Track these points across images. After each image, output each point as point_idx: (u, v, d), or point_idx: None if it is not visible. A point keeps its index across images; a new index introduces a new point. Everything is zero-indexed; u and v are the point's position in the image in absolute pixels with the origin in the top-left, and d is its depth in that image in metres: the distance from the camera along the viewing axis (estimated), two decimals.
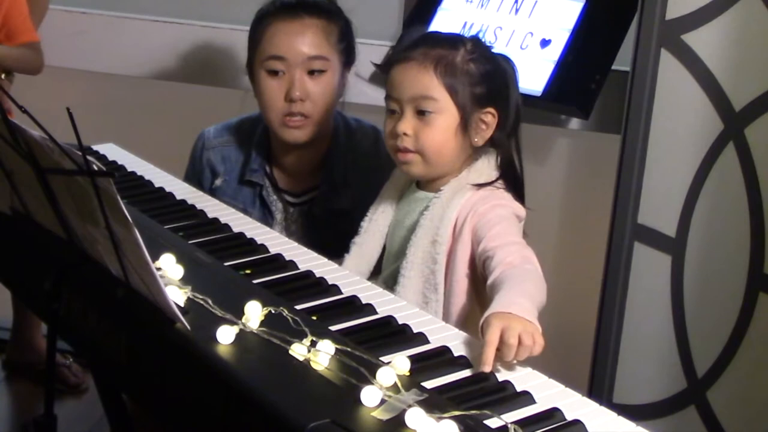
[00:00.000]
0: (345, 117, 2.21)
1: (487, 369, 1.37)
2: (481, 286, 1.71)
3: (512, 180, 1.82)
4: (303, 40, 2.06)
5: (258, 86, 2.11)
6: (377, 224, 1.88)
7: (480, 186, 1.78)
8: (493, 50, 1.85)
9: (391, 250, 1.87)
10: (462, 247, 1.73)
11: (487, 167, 1.81)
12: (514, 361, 1.40)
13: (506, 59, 1.87)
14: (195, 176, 2.26)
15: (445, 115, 1.75)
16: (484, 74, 1.77)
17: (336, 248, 1.89)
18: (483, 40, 1.85)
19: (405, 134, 1.76)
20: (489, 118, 1.78)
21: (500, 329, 1.39)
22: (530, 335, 1.40)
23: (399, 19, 2.83)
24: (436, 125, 1.75)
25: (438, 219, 1.76)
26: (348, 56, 2.15)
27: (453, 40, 1.80)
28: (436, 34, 1.88)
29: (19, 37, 2.93)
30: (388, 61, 1.84)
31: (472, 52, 1.78)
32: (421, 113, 1.75)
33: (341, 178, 2.15)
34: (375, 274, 1.89)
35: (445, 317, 1.74)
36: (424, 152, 1.76)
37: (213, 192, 2.20)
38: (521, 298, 1.48)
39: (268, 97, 2.09)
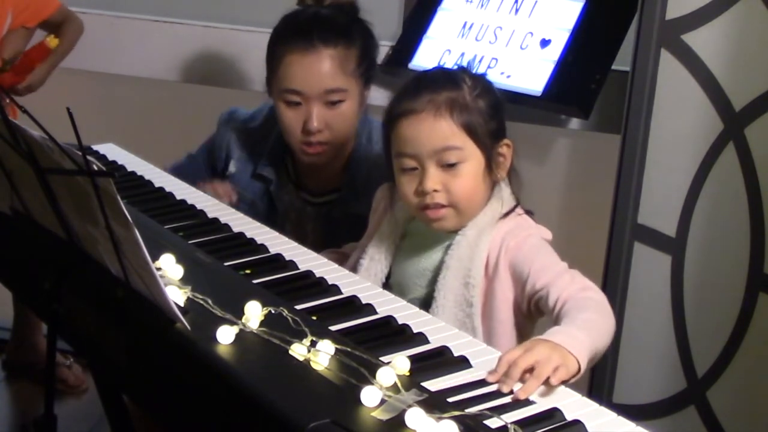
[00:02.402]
0: (368, 120, 2.17)
1: (490, 380, 1.35)
2: (525, 326, 1.68)
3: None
4: (319, 74, 2.01)
5: (277, 111, 2.09)
6: (379, 263, 1.79)
7: (504, 216, 1.71)
8: (486, 77, 1.77)
9: (401, 288, 1.77)
10: (500, 287, 1.66)
11: (505, 196, 1.73)
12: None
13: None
14: (215, 148, 2.25)
15: (471, 160, 1.66)
16: (492, 107, 1.69)
17: None
18: (471, 69, 1.76)
19: (435, 191, 1.65)
20: (505, 150, 1.71)
21: (523, 349, 1.36)
22: (552, 366, 1.34)
23: (399, 19, 2.83)
24: (465, 174, 1.66)
25: (468, 259, 1.68)
26: (368, 76, 2.10)
27: (452, 78, 1.70)
28: (431, 75, 1.76)
29: (44, 12, 2.95)
30: (391, 116, 1.71)
31: (474, 87, 1.69)
32: (446, 165, 1.65)
33: (363, 182, 2.11)
34: None
35: None
36: (457, 204, 1.67)
37: (224, 177, 2.20)
38: (571, 328, 1.44)
39: (286, 125, 2.07)
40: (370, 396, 1.22)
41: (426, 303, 1.72)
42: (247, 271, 1.66)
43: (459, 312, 1.68)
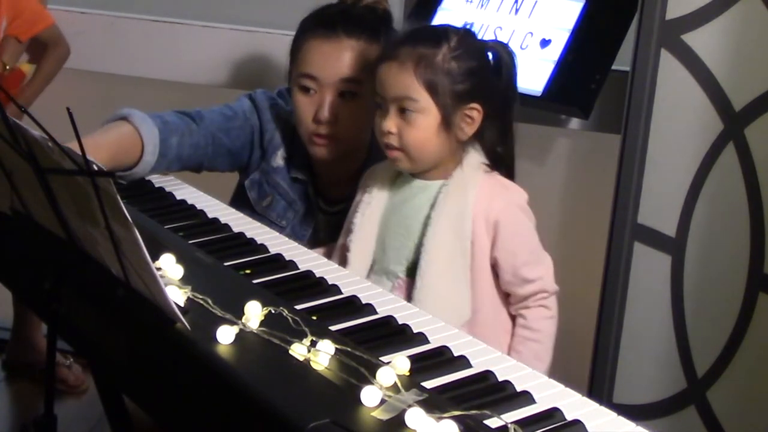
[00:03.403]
0: None
1: None
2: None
3: (500, 164, 1.87)
4: (336, 62, 2.00)
5: (292, 99, 2.07)
6: (371, 218, 1.88)
7: (488, 169, 1.83)
8: (483, 40, 1.87)
9: (384, 240, 1.87)
10: (481, 239, 1.78)
11: (473, 162, 1.84)
12: (515, 361, 1.41)
13: (502, 45, 1.89)
14: (250, 126, 2.14)
15: (426, 114, 1.77)
16: (466, 71, 1.78)
17: None
18: (472, 31, 1.87)
19: (389, 132, 1.79)
20: (474, 114, 1.80)
21: None
22: None
23: (399, 19, 2.83)
24: (418, 124, 1.77)
25: (457, 215, 1.78)
26: None
27: (437, 37, 1.80)
28: (422, 30, 1.88)
29: (35, 27, 2.97)
30: (378, 55, 1.86)
31: (455, 49, 1.78)
32: (403, 111, 1.78)
33: None
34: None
35: (474, 309, 1.80)
36: (407, 150, 1.79)
37: (263, 169, 2.14)
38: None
39: (298, 112, 2.05)
40: (370, 396, 1.22)
41: (412, 260, 1.82)
42: (247, 271, 1.66)
43: (452, 265, 1.78)
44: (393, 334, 1.49)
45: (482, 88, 1.80)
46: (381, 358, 1.35)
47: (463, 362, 1.41)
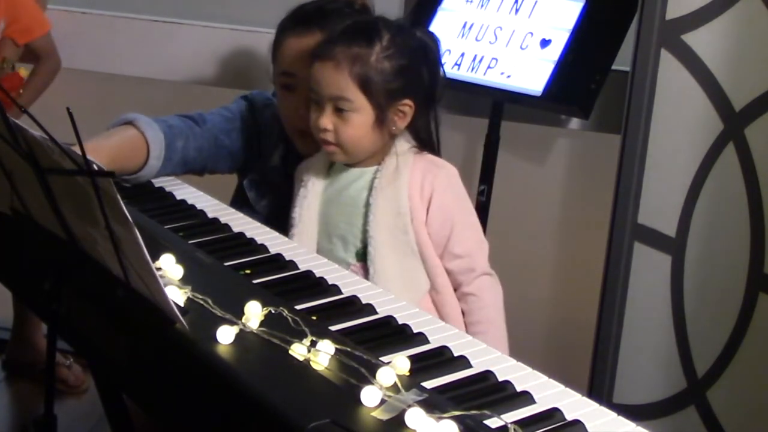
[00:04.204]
0: None
1: None
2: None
3: (426, 147, 1.92)
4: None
5: (277, 98, 2.08)
6: (309, 211, 1.91)
7: (417, 150, 1.89)
8: (413, 32, 1.90)
9: (328, 230, 1.91)
10: (418, 214, 1.84)
11: (400, 150, 1.89)
12: (515, 361, 1.41)
13: (428, 34, 1.93)
14: (248, 126, 2.14)
15: (361, 112, 1.82)
16: (398, 69, 1.83)
17: None
18: (404, 26, 1.90)
19: (325, 129, 1.84)
20: (406, 109, 1.85)
21: None
22: None
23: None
24: (353, 122, 1.83)
25: (393, 196, 1.84)
26: None
27: (370, 35, 1.84)
28: (355, 28, 1.89)
29: (32, 33, 2.97)
30: (313, 52, 1.88)
31: (387, 48, 1.83)
32: (339, 110, 1.83)
33: None
34: None
35: (431, 277, 1.86)
36: (343, 146, 1.85)
37: (261, 168, 2.13)
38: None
39: (282, 111, 2.05)
40: (370, 396, 1.22)
41: (361, 246, 1.87)
42: (247, 271, 1.66)
43: (397, 243, 1.84)
44: (393, 334, 1.49)
45: (413, 84, 1.85)
46: (381, 358, 1.35)
47: (463, 362, 1.41)
